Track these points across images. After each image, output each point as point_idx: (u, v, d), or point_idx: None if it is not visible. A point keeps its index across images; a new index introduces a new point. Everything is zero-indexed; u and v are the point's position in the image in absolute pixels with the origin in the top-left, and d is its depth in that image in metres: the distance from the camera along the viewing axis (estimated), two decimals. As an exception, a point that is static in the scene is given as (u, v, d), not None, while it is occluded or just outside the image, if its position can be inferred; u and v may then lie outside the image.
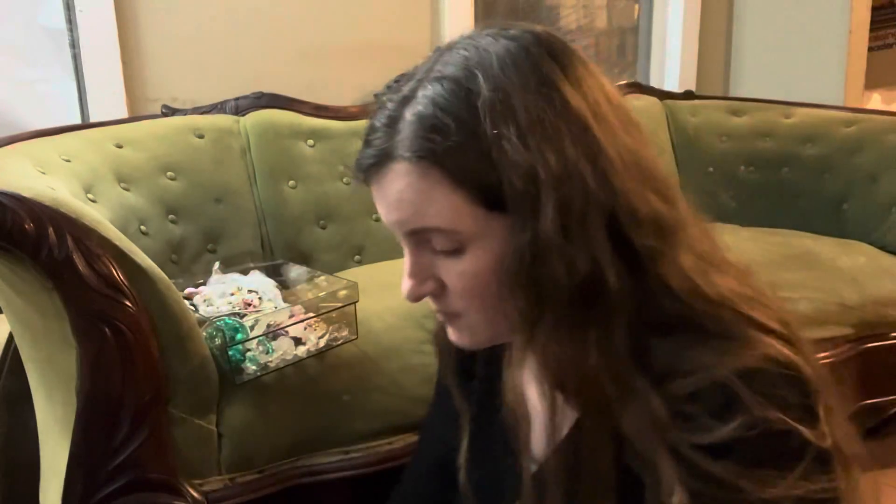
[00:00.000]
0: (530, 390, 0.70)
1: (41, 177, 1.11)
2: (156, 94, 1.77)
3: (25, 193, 0.90)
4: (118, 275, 0.94)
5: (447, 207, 0.59)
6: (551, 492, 0.64)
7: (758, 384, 0.56)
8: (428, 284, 0.64)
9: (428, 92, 0.59)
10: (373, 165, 0.62)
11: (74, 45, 1.72)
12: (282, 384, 1.12)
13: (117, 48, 1.71)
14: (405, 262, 0.64)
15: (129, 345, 0.95)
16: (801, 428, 0.56)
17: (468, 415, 0.80)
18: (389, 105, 0.62)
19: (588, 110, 0.58)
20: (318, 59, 1.95)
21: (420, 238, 0.63)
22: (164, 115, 1.67)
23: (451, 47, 0.62)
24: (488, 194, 0.58)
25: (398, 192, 0.61)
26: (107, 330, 0.93)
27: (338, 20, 1.98)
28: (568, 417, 0.66)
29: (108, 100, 1.72)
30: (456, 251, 0.61)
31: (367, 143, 0.63)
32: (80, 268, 0.91)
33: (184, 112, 1.68)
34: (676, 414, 0.58)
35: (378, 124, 0.62)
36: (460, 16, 2.15)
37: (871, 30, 2.52)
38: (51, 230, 0.89)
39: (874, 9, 2.53)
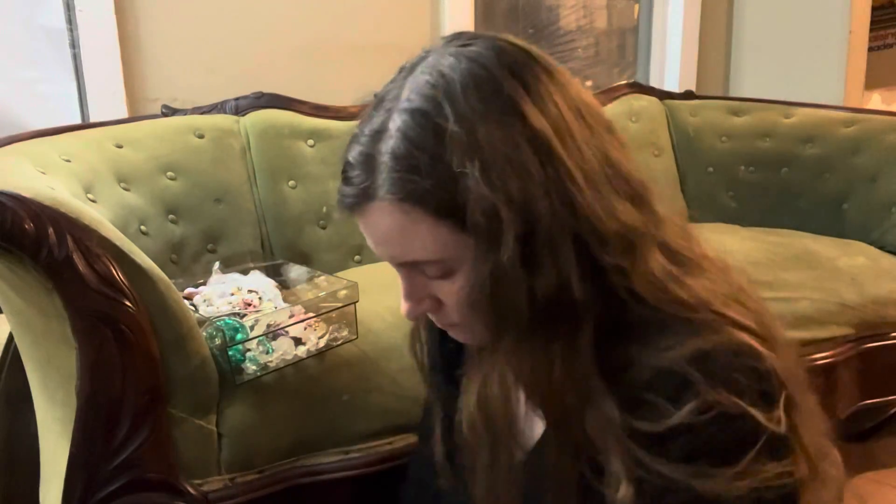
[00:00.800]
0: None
1: (41, 177, 1.11)
2: (156, 94, 1.77)
3: (25, 193, 0.90)
4: (118, 275, 0.94)
5: (431, 241, 0.61)
6: (527, 488, 0.66)
7: (711, 367, 0.57)
8: (425, 303, 0.67)
9: (399, 125, 0.60)
10: (355, 205, 0.64)
11: (74, 45, 1.72)
12: (282, 384, 1.12)
13: (117, 48, 1.71)
14: (401, 286, 0.66)
15: (129, 345, 0.95)
16: (753, 411, 0.56)
17: (441, 402, 0.82)
18: (363, 139, 0.63)
19: (552, 131, 0.59)
20: (318, 59, 1.95)
21: (411, 266, 0.64)
22: (164, 115, 1.67)
23: (414, 70, 0.62)
24: (464, 222, 0.59)
25: (384, 231, 0.63)
26: (107, 330, 0.93)
27: (338, 20, 1.98)
28: (539, 424, 0.68)
29: (108, 100, 1.72)
30: (446, 275, 0.63)
31: (345, 180, 0.64)
32: (80, 268, 0.91)
33: (184, 112, 1.68)
34: (635, 401, 0.59)
35: (354, 161, 0.63)
36: (460, 16, 2.15)
37: (871, 30, 2.52)
38: (51, 230, 0.89)
39: (874, 9, 2.53)
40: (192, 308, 1.16)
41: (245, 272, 1.33)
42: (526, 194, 0.57)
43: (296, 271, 1.40)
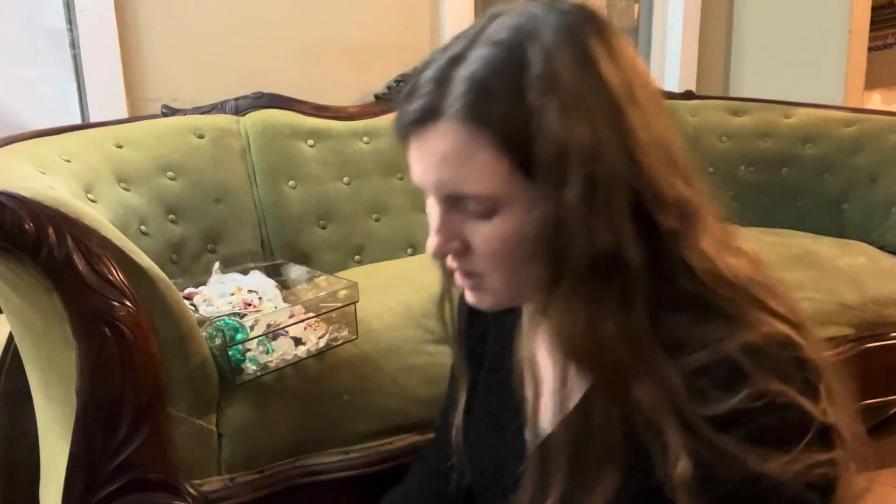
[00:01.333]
0: (542, 360, 0.71)
1: (41, 177, 1.11)
2: (156, 94, 1.77)
3: (25, 193, 0.90)
4: (118, 275, 0.94)
5: (489, 172, 0.60)
6: (556, 462, 0.65)
7: (762, 359, 0.58)
8: (454, 243, 0.64)
9: (481, 53, 0.60)
10: (417, 121, 0.62)
11: (74, 45, 1.72)
12: (282, 384, 1.12)
13: (117, 48, 1.71)
14: (432, 219, 0.65)
15: (129, 345, 0.95)
16: (803, 401, 0.57)
17: (468, 378, 0.82)
18: (436, 63, 0.62)
19: (624, 92, 0.60)
20: (318, 59, 1.95)
21: (454, 199, 0.63)
22: (164, 115, 1.67)
23: (503, 13, 0.63)
24: (525, 161, 0.59)
25: (442, 153, 0.61)
26: (107, 330, 0.93)
27: (338, 20, 1.98)
28: (577, 389, 0.67)
29: (108, 100, 1.72)
30: (487, 215, 0.62)
31: (410, 99, 0.62)
32: (80, 268, 0.91)
33: (184, 112, 1.68)
34: (686, 387, 0.59)
35: (424, 80, 0.62)
36: (460, 16, 2.15)
37: (871, 30, 2.52)
38: (51, 230, 0.89)
39: (874, 9, 2.53)
40: (192, 308, 1.16)
41: (245, 272, 1.33)
42: (597, 142, 0.58)
43: (296, 271, 1.40)
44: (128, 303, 0.94)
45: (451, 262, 0.67)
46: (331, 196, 1.70)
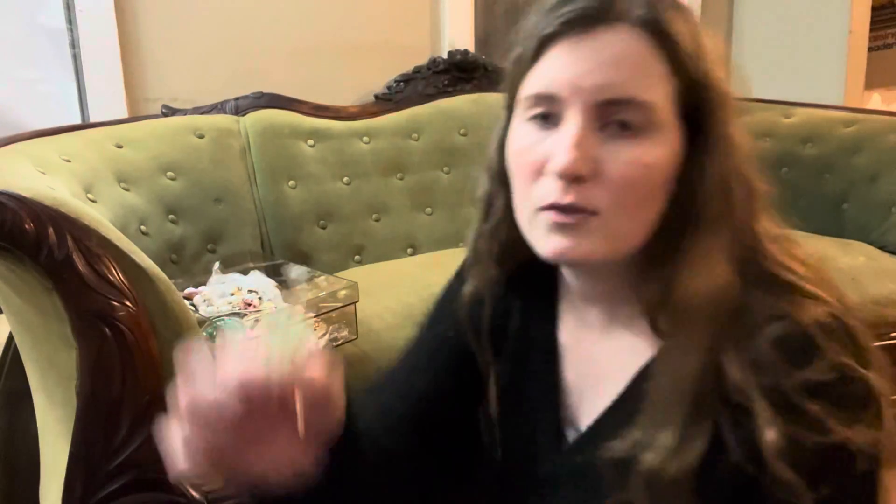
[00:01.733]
0: (588, 343, 0.71)
1: (41, 177, 1.11)
2: (156, 94, 1.77)
3: (25, 193, 0.90)
4: (118, 275, 0.94)
5: (661, 87, 0.60)
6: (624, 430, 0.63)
7: (832, 334, 0.59)
8: (587, 165, 0.59)
9: None
10: (596, 18, 0.60)
11: (74, 45, 1.72)
12: (282, 384, 1.12)
13: (117, 48, 1.71)
14: (569, 134, 0.60)
15: (129, 345, 0.95)
16: (870, 375, 0.59)
17: (495, 371, 0.77)
18: None
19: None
20: (318, 59, 1.95)
21: (608, 111, 0.60)
22: (164, 115, 1.67)
23: None
24: (689, 96, 0.61)
25: (619, 54, 0.60)
26: (107, 330, 0.93)
27: (338, 20, 1.98)
28: (635, 359, 0.66)
29: (108, 100, 1.72)
30: (639, 132, 0.60)
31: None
32: (80, 268, 0.91)
33: (184, 112, 1.68)
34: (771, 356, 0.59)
35: None
36: (460, 16, 2.15)
37: (871, 30, 2.52)
38: (51, 230, 0.89)
39: (874, 9, 2.53)
40: (192, 308, 1.16)
41: (245, 272, 1.33)
42: (733, 105, 0.64)
43: (296, 271, 1.40)
44: (128, 303, 0.94)
45: (560, 192, 0.60)
46: (331, 196, 1.70)
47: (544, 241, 0.62)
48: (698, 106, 0.62)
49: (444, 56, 2.01)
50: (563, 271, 0.72)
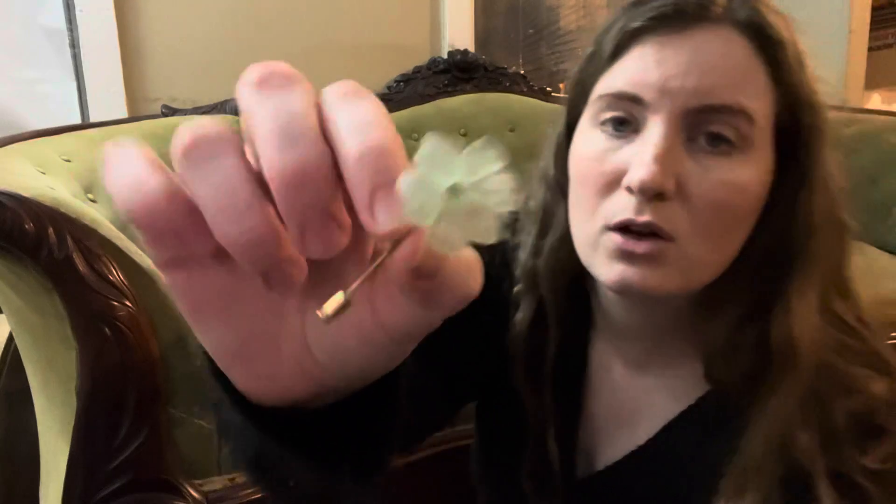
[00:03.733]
0: (617, 375, 0.64)
1: (41, 177, 1.11)
2: (156, 94, 1.77)
3: (25, 193, 0.90)
4: (118, 275, 0.94)
5: (762, 97, 0.54)
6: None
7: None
8: (669, 181, 0.51)
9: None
10: (692, 15, 0.53)
11: (74, 45, 1.72)
12: (282, 384, 1.12)
13: (117, 48, 1.71)
14: (651, 143, 0.52)
15: (129, 345, 0.95)
16: None
17: (540, 413, 0.65)
18: None
19: None
20: (318, 59, 1.95)
21: (700, 120, 0.52)
22: (164, 115, 1.67)
23: None
24: (783, 120, 0.55)
25: (718, 56, 0.53)
26: (107, 330, 0.93)
27: (338, 20, 1.98)
28: (671, 403, 0.60)
29: (108, 100, 1.72)
30: (731, 149, 0.53)
31: None
32: (80, 268, 0.91)
33: (184, 112, 1.68)
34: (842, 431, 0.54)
35: None
36: (460, 16, 2.15)
37: (871, 30, 2.52)
38: (51, 230, 0.89)
39: (874, 9, 2.53)
40: (192, 308, 1.16)
41: (245, 272, 1.33)
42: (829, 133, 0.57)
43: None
44: (128, 303, 0.94)
45: (635, 209, 0.52)
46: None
47: (607, 267, 0.54)
48: (795, 128, 0.55)
49: (444, 56, 2.01)
50: (605, 295, 0.63)
